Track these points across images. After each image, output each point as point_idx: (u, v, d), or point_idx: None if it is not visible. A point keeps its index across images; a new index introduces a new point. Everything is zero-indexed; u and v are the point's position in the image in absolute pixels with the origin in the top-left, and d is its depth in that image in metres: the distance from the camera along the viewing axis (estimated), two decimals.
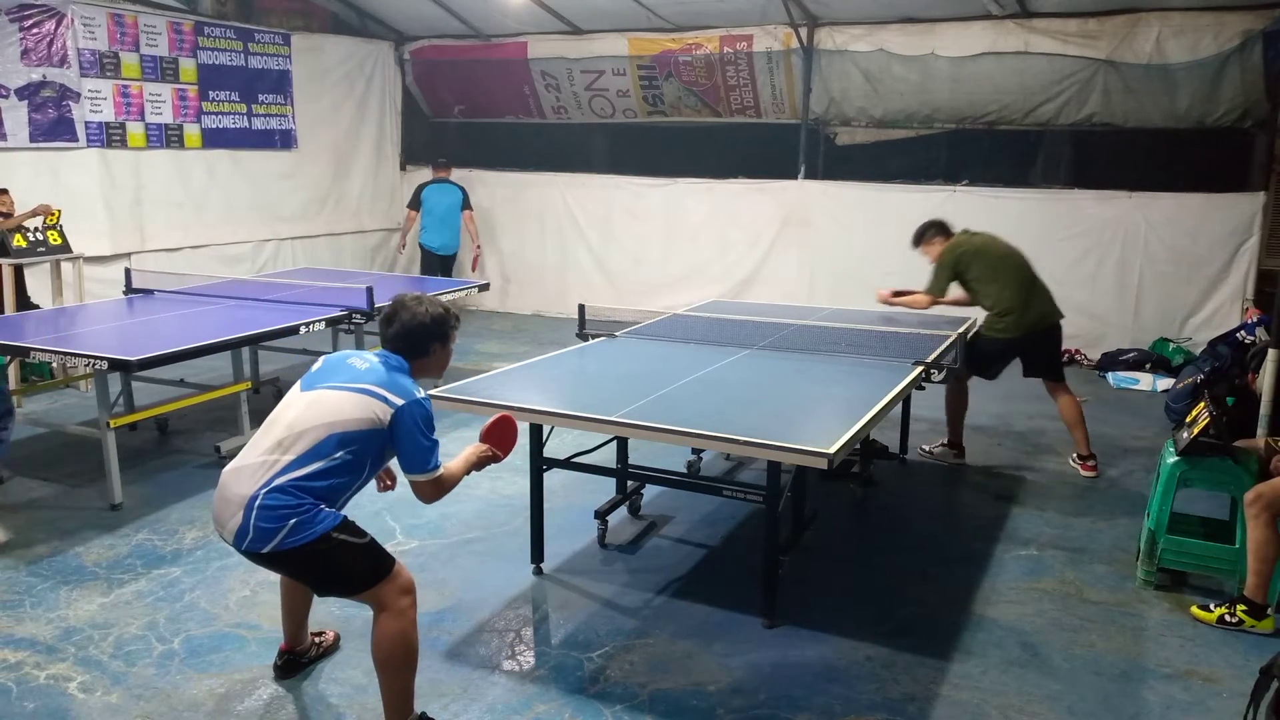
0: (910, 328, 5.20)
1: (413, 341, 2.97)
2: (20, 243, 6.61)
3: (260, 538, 2.70)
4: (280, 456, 2.75)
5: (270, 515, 2.70)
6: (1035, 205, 8.28)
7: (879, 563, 4.33)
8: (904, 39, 8.38)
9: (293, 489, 2.72)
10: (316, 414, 2.79)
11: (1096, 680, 3.38)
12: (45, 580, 4.03)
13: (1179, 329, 7.98)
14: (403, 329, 2.95)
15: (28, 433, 5.88)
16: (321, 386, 2.86)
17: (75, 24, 7.44)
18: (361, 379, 2.84)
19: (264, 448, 2.79)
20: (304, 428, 2.77)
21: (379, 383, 2.83)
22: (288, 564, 2.82)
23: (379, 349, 3.01)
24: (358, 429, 2.78)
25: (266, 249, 9.26)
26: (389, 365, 2.91)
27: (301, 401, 2.85)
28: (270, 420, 2.88)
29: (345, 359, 2.94)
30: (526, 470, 4.17)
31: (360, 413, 2.78)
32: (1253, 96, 7.57)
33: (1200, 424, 3.97)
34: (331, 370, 2.92)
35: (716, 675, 3.38)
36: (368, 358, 2.93)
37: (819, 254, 9.08)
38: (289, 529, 2.69)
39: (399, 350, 2.96)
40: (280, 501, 2.70)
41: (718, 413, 3.66)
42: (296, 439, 2.77)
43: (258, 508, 2.70)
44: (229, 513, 2.77)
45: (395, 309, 2.99)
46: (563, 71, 9.80)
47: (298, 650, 3.32)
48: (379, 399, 2.79)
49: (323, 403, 2.81)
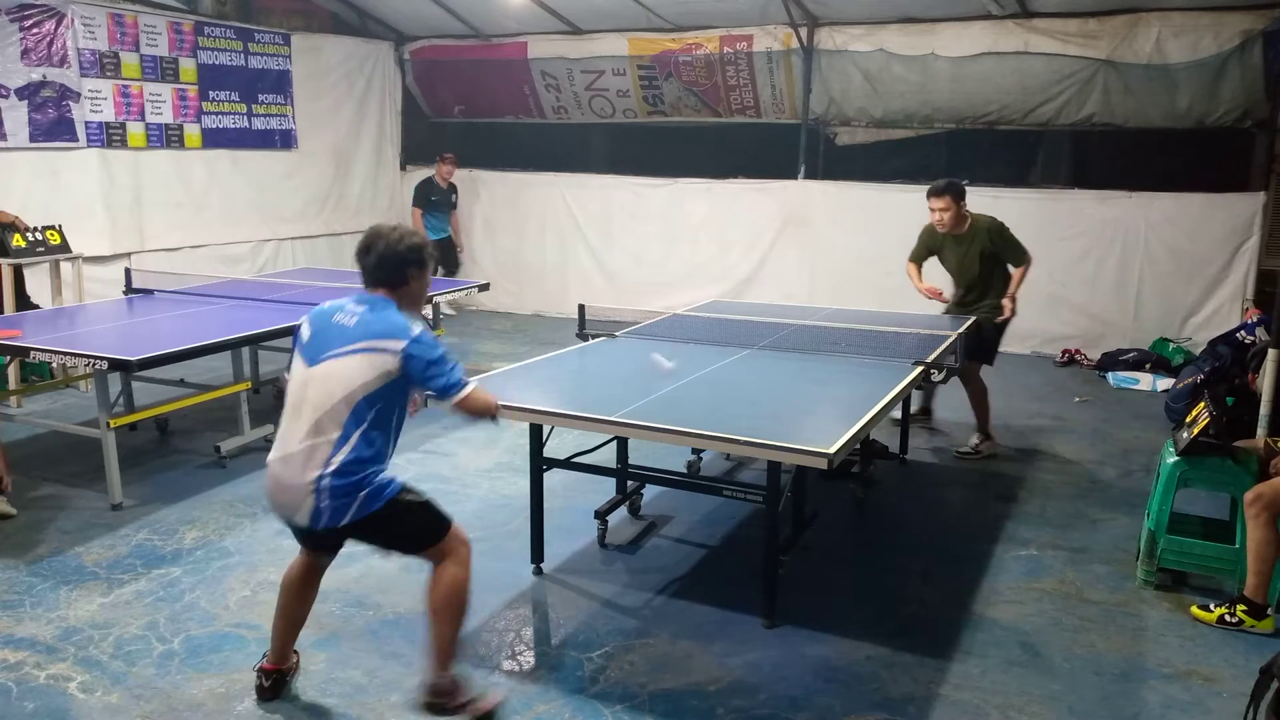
0: (910, 328, 5.20)
1: (391, 269, 2.97)
2: (20, 243, 6.61)
3: (335, 514, 2.84)
4: (321, 439, 2.83)
5: (340, 493, 2.82)
6: (1035, 205, 8.27)
7: (879, 563, 4.33)
8: (904, 39, 8.38)
9: (349, 464, 2.83)
10: (332, 388, 2.84)
11: (1096, 680, 3.38)
12: (45, 580, 4.03)
13: (1179, 329, 7.98)
14: (380, 258, 2.96)
15: (28, 433, 5.88)
16: (324, 358, 2.89)
17: (75, 24, 7.44)
18: (356, 337, 2.87)
19: (301, 433, 2.86)
20: (328, 406, 2.84)
21: (373, 334, 2.87)
22: (363, 532, 2.93)
23: (358, 293, 3.02)
24: (376, 388, 2.85)
25: (266, 249, 9.26)
26: (374, 308, 2.94)
27: (313, 379, 2.89)
28: (294, 403, 2.92)
29: (331, 319, 2.95)
30: (526, 470, 4.17)
31: (371, 372, 2.84)
32: (1253, 96, 7.57)
33: (1200, 424, 3.97)
34: (325, 337, 2.92)
35: (716, 675, 3.38)
36: (351, 309, 2.95)
37: (819, 254, 9.08)
38: (361, 501, 2.84)
39: (379, 281, 2.98)
40: (345, 480, 2.82)
41: (718, 413, 3.66)
42: (327, 419, 2.84)
43: (328, 490, 2.82)
44: (295, 499, 2.86)
45: (371, 239, 3.00)
46: (563, 71, 9.80)
47: (284, 668, 3.23)
48: (380, 351, 2.85)
49: (333, 375, 2.85)
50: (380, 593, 3.94)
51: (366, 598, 3.89)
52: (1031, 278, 8.13)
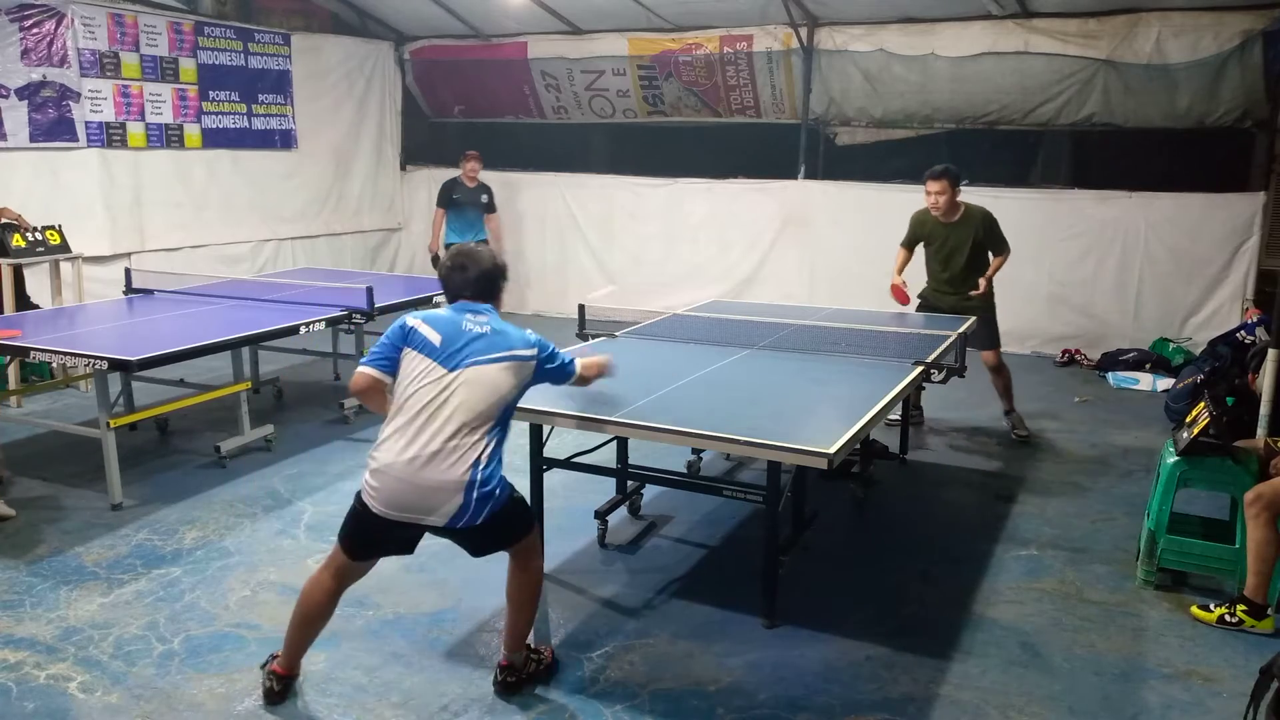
0: (910, 328, 5.20)
1: (487, 285, 3.17)
2: (20, 243, 6.61)
3: (479, 512, 2.96)
4: (471, 439, 2.95)
5: (487, 493, 2.96)
6: (1035, 205, 8.28)
7: (879, 563, 4.33)
8: (904, 39, 8.38)
9: (494, 462, 3.01)
10: (484, 393, 2.97)
11: (1096, 680, 3.38)
12: (45, 580, 4.03)
13: (1179, 329, 7.98)
14: (481, 274, 3.15)
15: (27, 433, 5.88)
16: (470, 363, 2.98)
17: (75, 24, 7.44)
18: (501, 347, 3.04)
19: (447, 433, 2.93)
20: (480, 409, 2.97)
21: (514, 344, 3.07)
22: (487, 528, 3.03)
23: (459, 302, 3.14)
24: (517, 393, 3.10)
25: (266, 249, 9.26)
26: (493, 318, 3.12)
27: (461, 381, 2.96)
28: (431, 405, 2.95)
29: (460, 325, 3.05)
30: (526, 470, 4.17)
31: (516, 379, 3.06)
32: (1253, 96, 7.57)
33: (1200, 424, 3.97)
34: (459, 340, 3.01)
35: (716, 675, 3.38)
36: (474, 319, 3.08)
37: (819, 254, 9.08)
38: (496, 498, 3.01)
39: (479, 296, 3.15)
40: (491, 480, 2.98)
41: (718, 413, 3.66)
42: (478, 420, 2.96)
43: (478, 486, 2.94)
44: (440, 498, 2.93)
45: (464, 259, 3.16)
46: (563, 71, 9.80)
47: (293, 675, 3.24)
48: (521, 360, 3.07)
49: (483, 380, 2.98)
50: (380, 593, 3.93)
51: (366, 598, 3.89)
52: (1031, 278, 8.26)
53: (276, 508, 4.84)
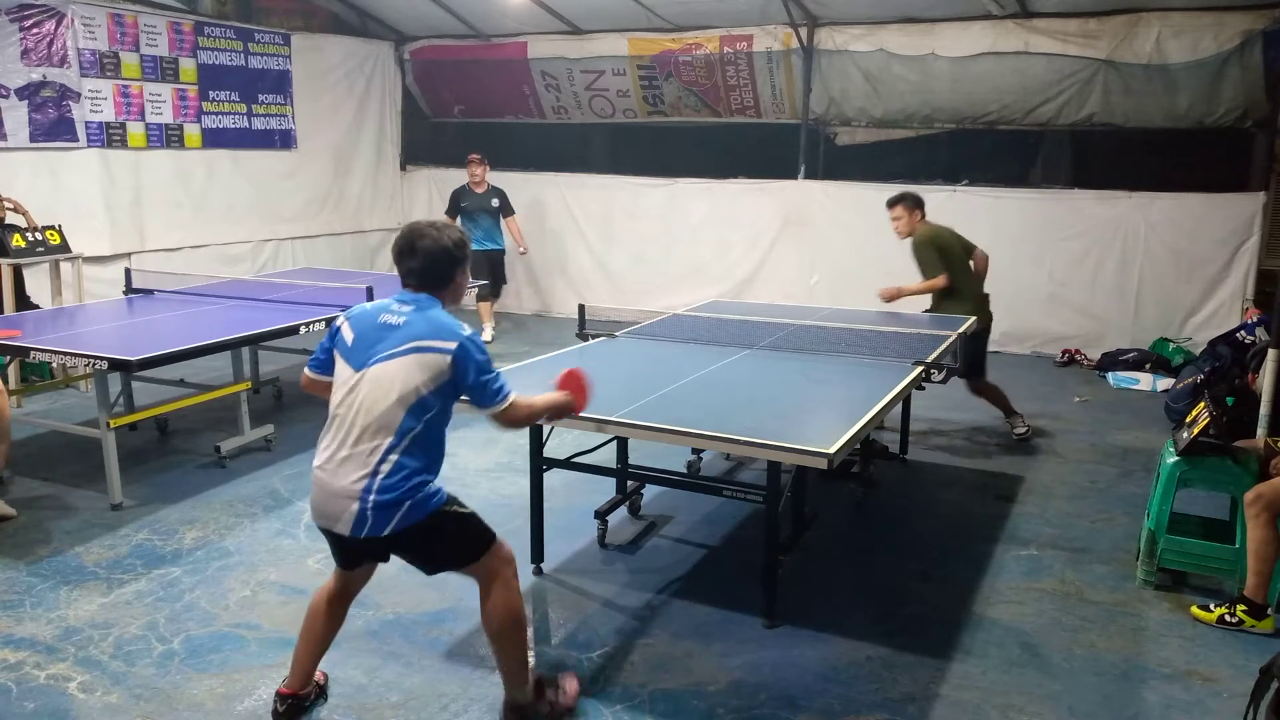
0: (910, 328, 5.20)
1: (438, 271, 2.87)
2: (20, 243, 6.61)
3: (379, 523, 2.73)
4: (371, 444, 2.73)
5: (386, 501, 2.72)
6: (1035, 205, 8.28)
7: (879, 563, 4.33)
8: (904, 39, 8.38)
9: (398, 471, 2.73)
10: (385, 392, 2.74)
11: (1096, 680, 3.38)
12: (45, 580, 4.03)
13: (1179, 329, 7.98)
14: (428, 259, 2.84)
15: (28, 433, 5.88)
16: (374, 361, 2.77)
17: (75, 24, 7.44)
18: (406, 337, 2.76)
19: (350, 439, 2.75)
20: (381, 409, 2.73)
21: (424, 334, 2.76)
22: (406, 544, 2.84)
23: (399, 292, 2.90)
24: (429, 390, 2.75)
25: (266, 249, 9.26)
26: (421, 307, 2.83)
27: (363, 382, 2.77)
28: (341, 408, 2.80)
29: (376, 319, 2.83)
30: (526, 470, 4.17)
31: (424, 373, 2.74)
32: (1253, 96, 7.57)
33: (1200, 424, 3.97)
34: (371, 338, 2.81)
35: (716, 675, 3.38)
36: (397, 309, 2.84)
37: (819, 254, 9.08)
38: (405, 510, 2.73)
39: (424, 284, 2.87)
40: (392, 488, 2.72)
41: (718, 413, 3.66)
42: (378, 423, 2.73)
43: (374, 494, 2.71)
44: (341, 505, 2.75)
45: (412, 238, 2.86)
46: (563, 71, 9.80)
47: (301, 694, 3.10)
48: (433, 351, 2.75)
49: (385, 378, 2.75)
50: (380, 593, 3.93)
51: (366, 598, 3.88)
52: (1031, 278, 8.26)
53: (276, 508, 4.84)
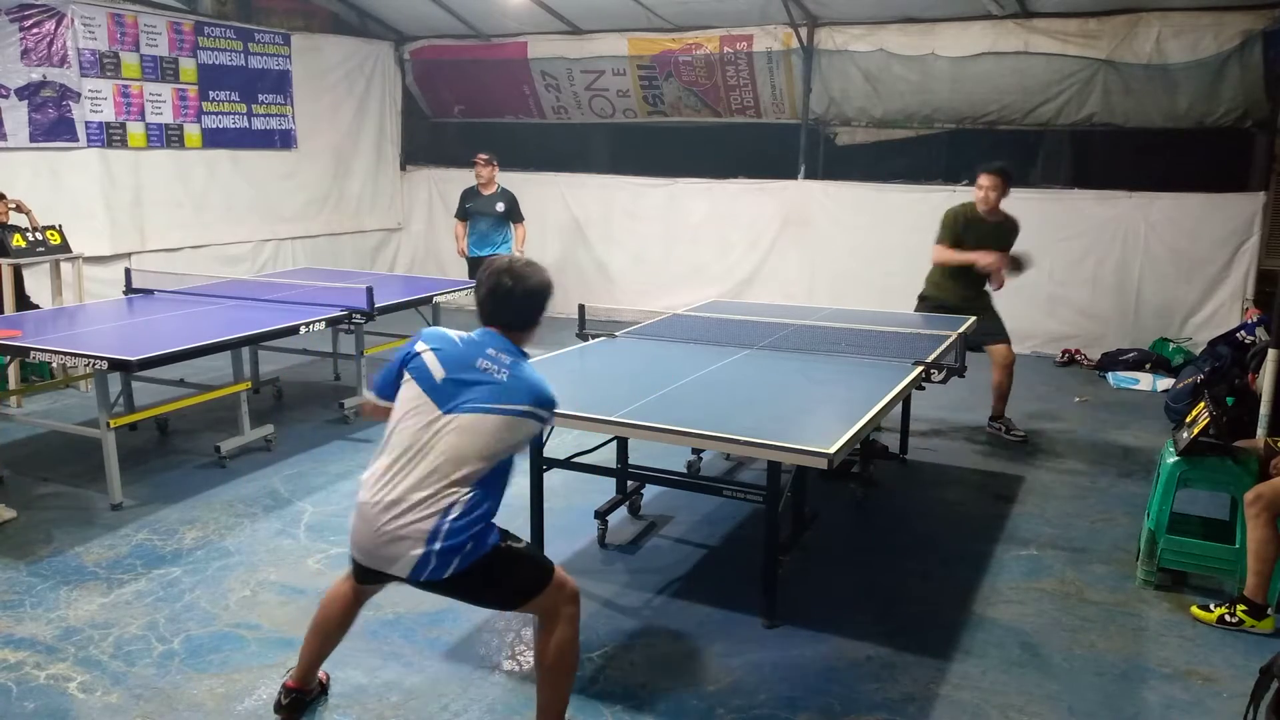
0: (910, 328, 5.20)
1: (531, 314, 2.80)
2: (20, 243, 6.61)
3: (440, 568, 2.64)
4: (448, 490, 2.63)
5: (453, 547, 2.63)
6: (1035, 205, 8.25)
7: (879, 563, 4.33)
8: (904, 39, 8.38)
9: (469, 511, 2.65)
10: (475, 444, 2.64)
11: (1096, 680, 3.38)
12: (45, 580, 4.03)
13: (1179, 329, 7.98)
14: (522, 303, 2.76)
15: (27, 433, 5.88)
16: (468, 408, 2.65)
17: (75, 24, 7.44)
18: (510, 398, 2.67)
19: (420, 478, 2.64)
20: (466, 458, 2.64)
21: (530, 399, 2.69)
22: (462, 584, 2.72)
23: (487, 330, 2.80)
24: (518, 447, 2.77)
25: (266, 249, 9.26)
26: (518, 363, 2.74)
27: (451, 428, 2.65)
28: (413, 445, 2.67)
29: (473, 363, 2.70)
30: (526, 470, 4.17)
31: (518, 435, 2.73)
32: (1253, 96, 7.57)
33: (1200, 424, 3.97)
34: (466, 380, 2.69)
35: (716, 675, 3.38)
36: (494, 357, 2.72)
37: (819, 254, 9.08)
38: (466, 553, 2.65)
39: (513, 325, 2.79)
40: (461, 526, 2.63)
41: (718, 413, 3.66)
42: (460, 470, 2.64)
43: (441, 538, 2.62)
44: (401, 548, 2.64)
45: (507, 279, 2.75)
46: (563, 71, 9.80)
47: (305, 689, 3.10)
48: (533, 419, 2.72)
49: (478, 431, 2.64)
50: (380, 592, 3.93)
51: None
52: (1031, 278, 8.17)
53: (276, 508, 4.84)
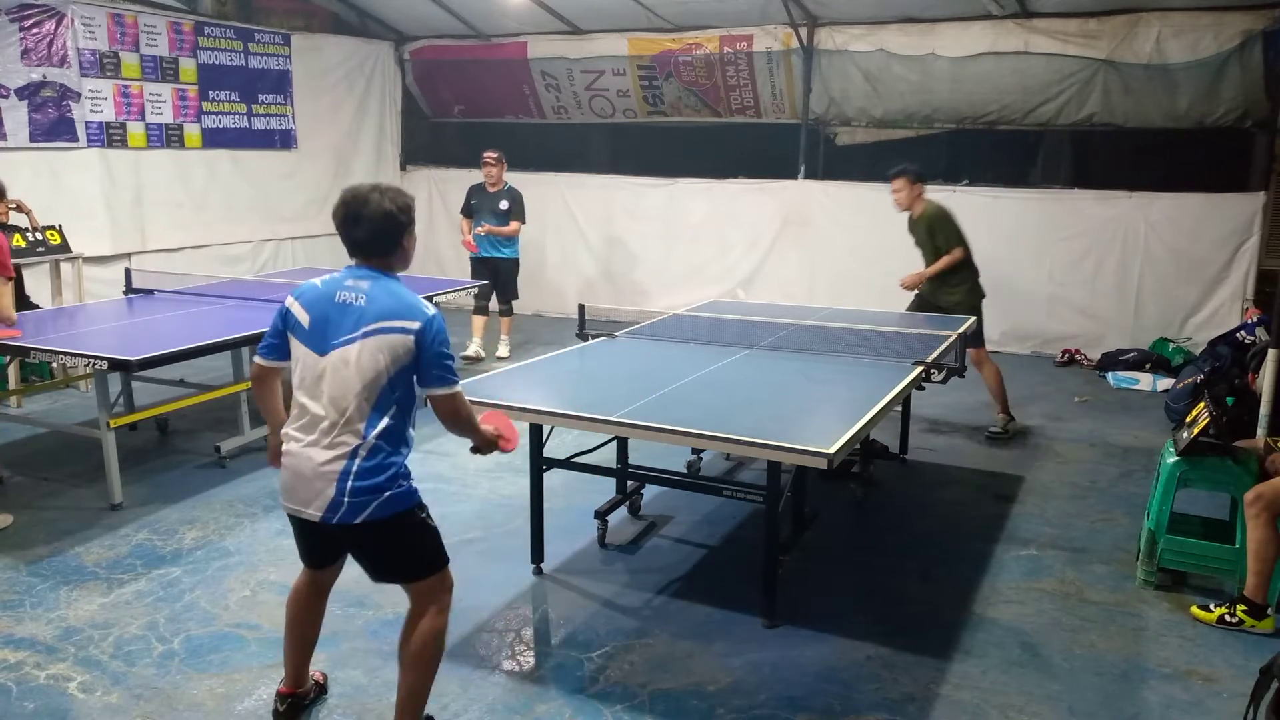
0: (910, 328, 5.21)
1: (386, 239, 2.77)
2: (20, 243, 6.61)
3: (353, 510, 2.69)
4: (343, 430, 2.68)
5: (362, 488, 2.68)
6: (1035, 205, 8.28)
7: (879, 563, 4.33)
8: (904, 39, 8.38)
9: (374, 457, 2.69)
10: (352, 376, 2.68)
11: (1096, 680, 3.38)
12: (45, 580, 4.03)
13: (1179, 329, 7.98)
14: (374, 228, 2.74)
15: (28, 433, 5.88)
16: (337, 344, 2.70)
17: (75, 24, 7.44)
18: (371, 318, 2.68)
19: (321, 423, 2.70)
20: (350, 394, 2.68)
21: (388, 313, 2.68)
22: (372, 537, 2.77)
23: (349, 265, 2.82)
24: (395, 370, 2.70)
25: (266, 249, 9.26)
26: (379, 283, 2.75)
27: (329, 367, 2.71)
28: (307, 392, 2.75)
29: (332, 298, 2.75)
30: (526, 470, 4.17)
31: (390, 355, 2.68)
32: (1253, 96, 7.57)
33: (1200, 424, 3.97)
34: (332, 320, 2.73)
35: (716, 675, 3.38)
36: (353, 285, 2.75)
37: (819, 254, 9.08)
38: (381, 502, 2.70)
39: (372, 254, 2.78)
40: (369, 474, 2.68)
41: (718, 413, 3.66)
42: (349, 408, 2.68)
43: (352, 479, 2.67)
44: (315, 488, 2.71)
45: (357, 205, 2.76)
46: (563, 71, 9.80)
47: (299, 692, 3.12)
48: (398, 332, 2.67)
49: (351, 363, 2.68)
50: (380, 592, 3.93)
51: (366, 598, 3.89)
52: (1031, 278, 8.27)
53: (276, 508, 4.83)
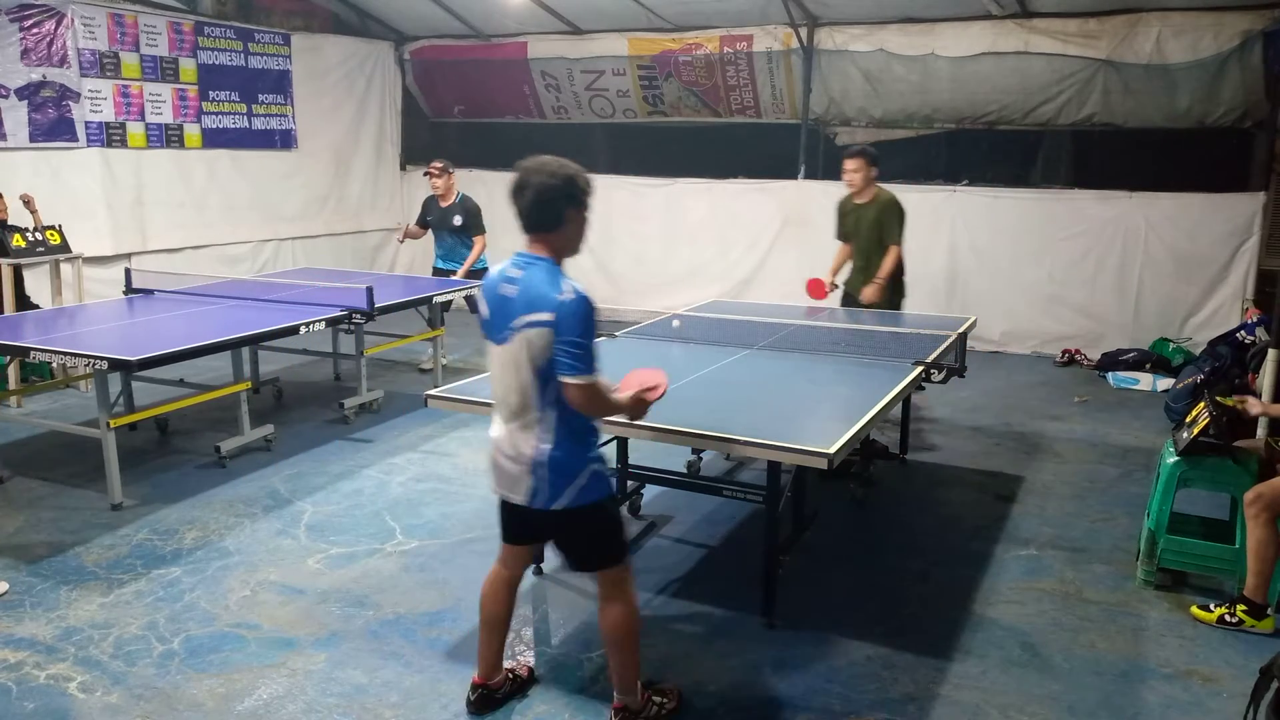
0: (910, 328, 5.21)
1: (547, 210, 2.79)
2: (20, 243, 6.61)
3: (551, 495, 2.83)
4: (526, 418, 2.81)
5: (556, 475, 2.81)
6: (1035, 205, 8.28)
7: (879, 563, 4.33)
8: (904, 39, 8.37)
9: (561, 445, 2.81)
10: (516, 370, 2.78)
11: (1096, 680, 3.38)
12: (45, 580, 4.03)
13: (1179, 329, 7.98)
14: (537, 196, 2.77)
15: (27, 433, 5.88)
16: (501, 338, 2.81)
17: (75, 24, 7.44)
18: (518, 312, 2.74)
19: (509, 411, 2.85)
20: (520, 385, 2.79)
21: (528, 306, 2.72)
22: (570, 523, 2.90)
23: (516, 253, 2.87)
24: (542, 362, 2.73)
25: (267, 249, 9.26)
26: (529, 272, 2.78)
27: (502, 359, 2.83)
28: (494, 382, 2.89)
29: (498, 292, 2.82)
30: None
31: (531, 350, 2.72)
32: (1253, 96, 7.56)
33: (1200, 424, 3.97)
34: (498, 314, 2.82)
35: (716, 675, 3.38)
36: (510, 275, 2.81)
37: (819, 254, 9.04)
38: (576, 489, 2.83)
39: (535, 225, 2.82)
40: (560, 462, 2.81)
41: (718, 413, 3.66)
42: (524, 398, 2.79)
43: (546, 469, 2.81)
44: (515, 475, 2.86)
45: (525, 174, 2.80)
46: (563, 71, 9.80)
47: (492, 684, 3.17)
48: (537, 325, 2.70)
49: (510, 358, 2.79)
50: (380, 592, 3.94)
51: (366, 598, 3.89)
52: (1031, 277, 8.27)
53: (276, 508, 4.84)
